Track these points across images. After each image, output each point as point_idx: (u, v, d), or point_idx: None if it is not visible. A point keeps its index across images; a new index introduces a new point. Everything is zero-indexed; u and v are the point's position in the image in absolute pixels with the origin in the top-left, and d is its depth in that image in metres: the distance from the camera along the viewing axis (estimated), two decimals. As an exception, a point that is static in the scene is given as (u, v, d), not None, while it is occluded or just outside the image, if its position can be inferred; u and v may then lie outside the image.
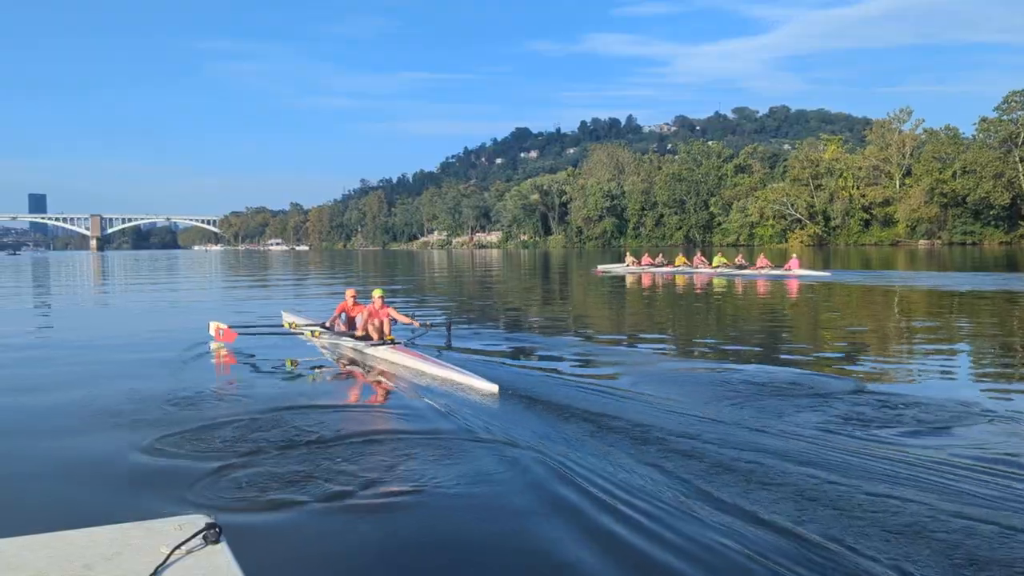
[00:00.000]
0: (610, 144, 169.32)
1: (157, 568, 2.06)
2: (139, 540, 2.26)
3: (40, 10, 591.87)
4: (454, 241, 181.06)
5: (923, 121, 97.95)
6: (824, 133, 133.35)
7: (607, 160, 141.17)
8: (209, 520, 2.34)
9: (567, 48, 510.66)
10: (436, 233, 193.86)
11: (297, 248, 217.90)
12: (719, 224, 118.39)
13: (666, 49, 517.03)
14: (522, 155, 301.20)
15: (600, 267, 42.25)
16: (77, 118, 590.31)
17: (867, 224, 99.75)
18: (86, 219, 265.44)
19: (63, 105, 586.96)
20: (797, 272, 31.96)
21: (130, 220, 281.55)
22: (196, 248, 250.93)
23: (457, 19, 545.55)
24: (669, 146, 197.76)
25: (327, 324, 12.29)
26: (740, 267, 34.96)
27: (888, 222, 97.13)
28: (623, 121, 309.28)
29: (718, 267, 35.78)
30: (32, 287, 36.78)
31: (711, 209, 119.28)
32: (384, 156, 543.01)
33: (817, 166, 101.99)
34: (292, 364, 10.33)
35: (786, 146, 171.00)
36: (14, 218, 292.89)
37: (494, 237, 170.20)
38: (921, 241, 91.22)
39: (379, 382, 9.67)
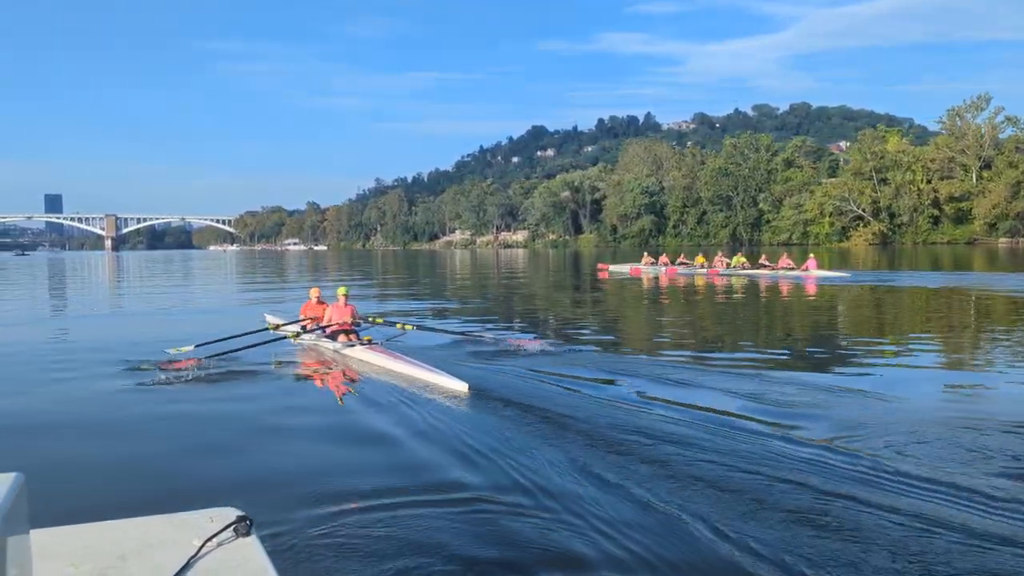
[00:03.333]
0: (647, 139, 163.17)
1: (190, 560, 2.08)
2: (171, 532, 2.28)
3: (55, 13, 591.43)
4: (478, 241, 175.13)
5: (1003, 109, 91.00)
6: (852, 129, 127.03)
7: (644, 155, 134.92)
8: (240, 513, 2.36)
9: (579, 47, 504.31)
10: (459, 232, 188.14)
11: (315, 248, 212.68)
12: (768, 222, 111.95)
13: (678, 47, 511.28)
14: (539, 153, 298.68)
15: (611, 267, 41.51)
16: (92, 119, 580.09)
17: (936, 221, 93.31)
18: (101, 219, 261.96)
19: (77, 106, 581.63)
20: (815, 273, 31.22)
21: (145, 220, 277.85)
22: (212, 248, 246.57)
23: (466, 20, 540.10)
24: (688, 143, 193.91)
25: (301, 326, 12.26)
26: (760, 267, 34.18)
27: (961, 219, 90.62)
28: (641, 119, 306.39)
29: (736, 267, 35.10)
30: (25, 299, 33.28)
31: (760, 206, 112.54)
32: (397, 156, 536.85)
33: (882, 158, 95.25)
34: (277, 365, 10.70)
35: (808, 142, 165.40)
36: (29, 218, 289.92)
37: (520, 236, 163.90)
38: (1002, 240, 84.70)
39: (352, 381, 9.78)
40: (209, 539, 2.18)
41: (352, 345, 11.07)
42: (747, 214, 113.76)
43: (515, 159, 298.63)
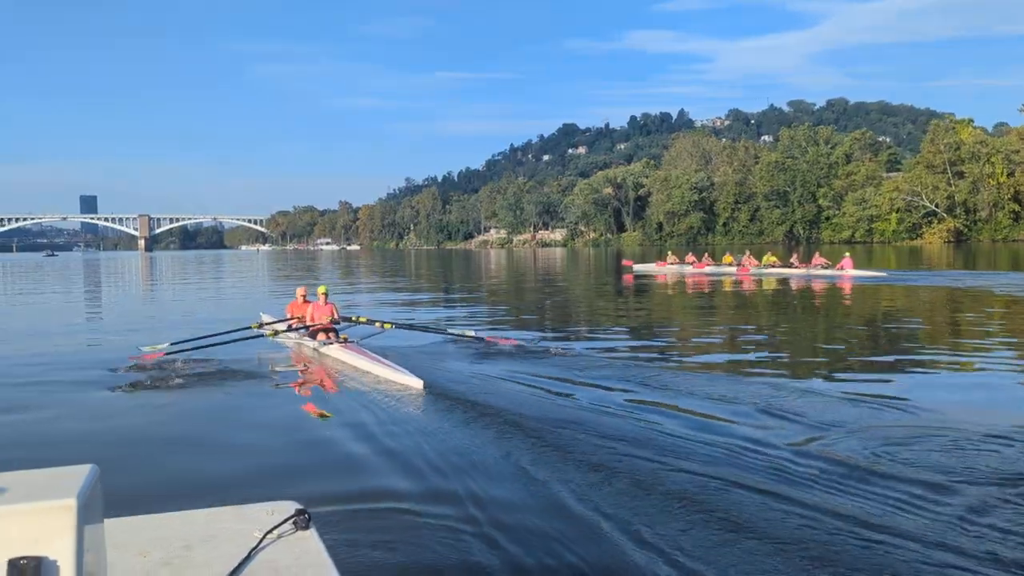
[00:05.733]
0: (695, 132, 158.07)
1: (251, 551, 2.15)
2: (233, 524, 2.36)
3: (87, 15, 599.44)
4: (515, 240, 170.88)
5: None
6: (891, 125, 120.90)
7: (692, 149, 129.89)
8: (299, 507, 2.42)
9: (606, 46, 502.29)
10: (494, 231, 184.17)
11: (348, 248, 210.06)
12: (828, 219, 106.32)
13: (707, 45, 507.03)
14: (570, 151, 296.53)
15: (635, 266, 40.99)
16: (127, 120, 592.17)
17: (1017, 217, 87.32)
18: (134, 219, 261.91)
19: (113, 108, 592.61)
20: (851, 272, 30.46)
21: (177, 220, 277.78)
22: (244, 248, 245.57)
23: (493, 19, 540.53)
24: (723, 140, 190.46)
25: (288, 324, 12.55)
26: (791, 266, 33.31)
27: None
28: (674, 115, 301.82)
29: (767, 266, 34.04)
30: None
31: (820, 201, 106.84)
32: (426, 155, 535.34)
33: (957, 150, 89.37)
34: (258, 362, 11.09)
35: (868, 134, 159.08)
36: (65, 218, 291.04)
37: (558, 235, 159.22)
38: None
39: (318, 378, 10.18)
40: (270, 531, 2.25)
41: (329, 343, 11.41)
42: (805, 211, 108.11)
43: (546, 157, 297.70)
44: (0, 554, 1.47)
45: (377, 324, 12.42)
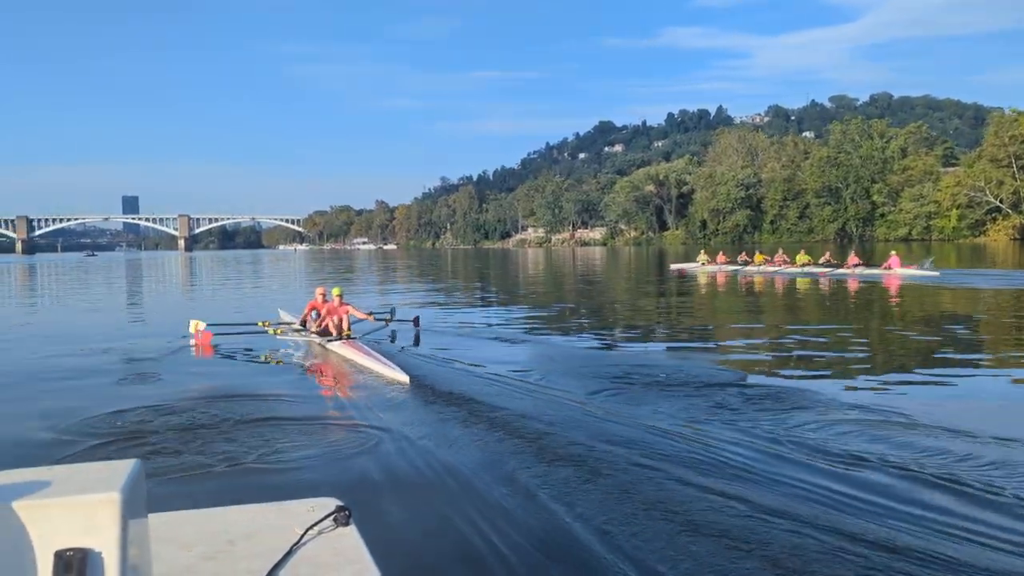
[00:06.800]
0: (740, 128, 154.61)
1: (292, 547, 2.18)
2: (274, 520, 2.39)
3: (126, 18, 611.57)
4: (553, 239, 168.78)
5: None
6: (938, 119, 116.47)
7: (737, 145, 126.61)
8: (339, 503, 2.45)
9: (641, 43, 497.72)
10: (532, 230, 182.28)
11: (384, 247, 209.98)
12: (884, 215, 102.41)
13: (744, 41, 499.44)
14: (606, 149, 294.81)
15: (674, 266, 40.74)
16: (168, 122, 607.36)
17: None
18: (174, 219, 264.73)
19: (153, 110, 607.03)
20: (899, 271, 29.27)
21: (216, 220, 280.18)
22: (282, 248, 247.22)
23: (526, 18, 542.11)
24: (772, 137, 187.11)
25: (302, 321, 13.22)
26: (828, 265, 32.48)
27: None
28: (712, 112, 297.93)
29: (803, 266, 33.23)
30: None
31: (874, 198, 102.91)
32: (461, 154, 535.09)
33: (1023, 143, 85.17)
34: (268, 357, 11.79)
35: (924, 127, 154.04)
36: (107, 219, 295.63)
37: (597, 234, 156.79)
38: None
39: (317, 372, 10.79)
40: (310, 527, 2.28)
41: (334, 340, 11.97)
42: (859, 207, 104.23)
43: (582, 155, 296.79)
44: (47, 545, 1.52)
45: (372, 319, 13.33)
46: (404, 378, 9.20)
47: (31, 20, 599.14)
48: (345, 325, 12.20)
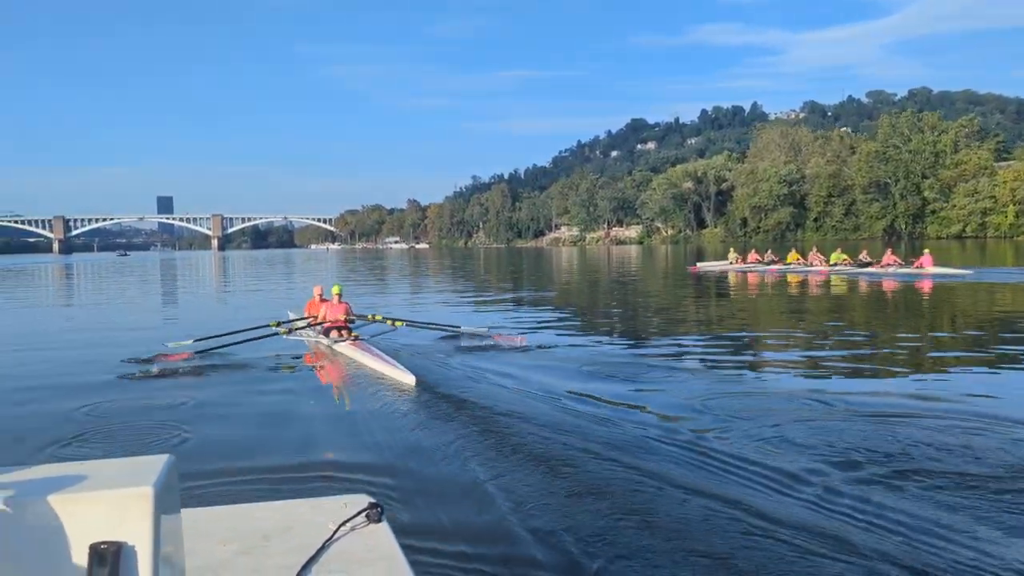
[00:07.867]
0: (783, 122, 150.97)
1: (325, 542, 2.23)
2: (308, 516, 2.43)
3: (163, 20, 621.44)
4: (587, 237, 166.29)
5: None
6: (979, 115, 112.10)
7: (780, 140, 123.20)
8: (372, 500, 2.50)
9: (672, 40, 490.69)
10: (565, 228, 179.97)
11: (417, 246, 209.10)
12: (935, 212, 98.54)
13: (777, 37, 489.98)
14: (639, 147, 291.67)
15: (698, 264, 40.07)
16: (201, 122, 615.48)
17: None
18: (208, 219, 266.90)
19: (188, 112, 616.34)
20: (931, 271, 28.77)
21: (249, 220, 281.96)
22: (314, 247, 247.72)
23: (555, 17, 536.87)
24: (816, 132, 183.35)
25: (306, 321, 13.17)
26: (862, 264, 32.00)
27: None
28: (747, 109, 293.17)
29: (836, 264, 32.69)
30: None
31: (925, 194, 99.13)
32: (492, 153, 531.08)
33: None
34: (280, 363, 11.24)
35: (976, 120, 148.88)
36: (142, 219, 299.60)
37: (633, 232, 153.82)
38: None
39: (325, 372, 10.72)
40: (343, 523, 2.32)
41: (341, 340, 11.87)
42: (908, 204, 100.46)
43: (614, 153, 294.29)
44: (82, 538, 1.54)
45: (389, 322, 12.90)
46: (410, 379, 9.31)
47: (72, 33, 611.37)
48: (344, 323, 12.23)
